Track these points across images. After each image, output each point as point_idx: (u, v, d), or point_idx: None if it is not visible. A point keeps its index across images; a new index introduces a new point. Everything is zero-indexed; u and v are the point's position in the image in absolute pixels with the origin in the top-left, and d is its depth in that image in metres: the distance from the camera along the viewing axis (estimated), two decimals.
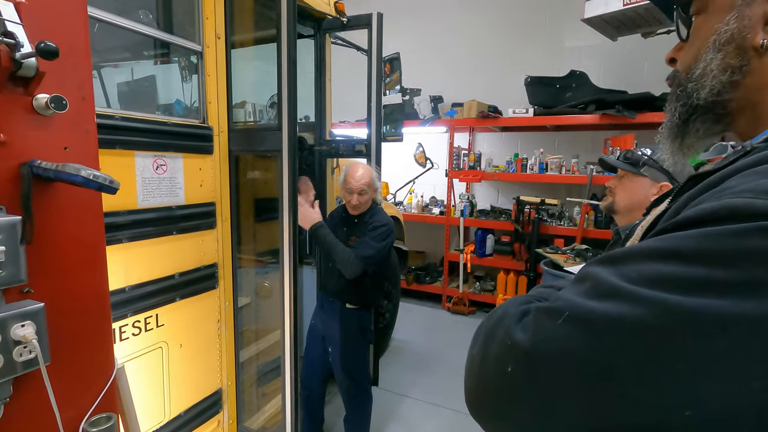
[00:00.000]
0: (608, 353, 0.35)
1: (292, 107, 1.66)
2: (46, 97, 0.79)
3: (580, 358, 0.36)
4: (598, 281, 0.38)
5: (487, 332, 0.47)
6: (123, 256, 1.40)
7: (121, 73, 2.70)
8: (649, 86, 3.90)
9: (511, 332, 0.41)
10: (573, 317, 0.37)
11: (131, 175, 1.43)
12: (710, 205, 0.37)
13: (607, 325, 0.35)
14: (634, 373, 0.34)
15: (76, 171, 0.73)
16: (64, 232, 0.87)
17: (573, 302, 0.38)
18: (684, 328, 0.32)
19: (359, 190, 2.10)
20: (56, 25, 0.84)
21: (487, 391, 0.43)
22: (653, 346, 0.33)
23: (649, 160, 1.38)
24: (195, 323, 1.71)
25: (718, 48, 0.49)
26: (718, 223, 0.35)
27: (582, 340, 0.36)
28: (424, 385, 3.18)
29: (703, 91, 0.51)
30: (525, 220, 4.29)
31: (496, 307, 0.51)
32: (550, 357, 0.37)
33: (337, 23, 2.52)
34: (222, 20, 1.73)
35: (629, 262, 0.38)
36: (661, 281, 0.35)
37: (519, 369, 0.39)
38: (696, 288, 0.33)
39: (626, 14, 3.15)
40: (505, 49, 4.90)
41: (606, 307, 0.36)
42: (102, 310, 0.96)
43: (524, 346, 0.39)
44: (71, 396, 0.88)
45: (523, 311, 0.43)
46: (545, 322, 0.39)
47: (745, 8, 0.47)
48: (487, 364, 0.43)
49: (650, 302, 0.34)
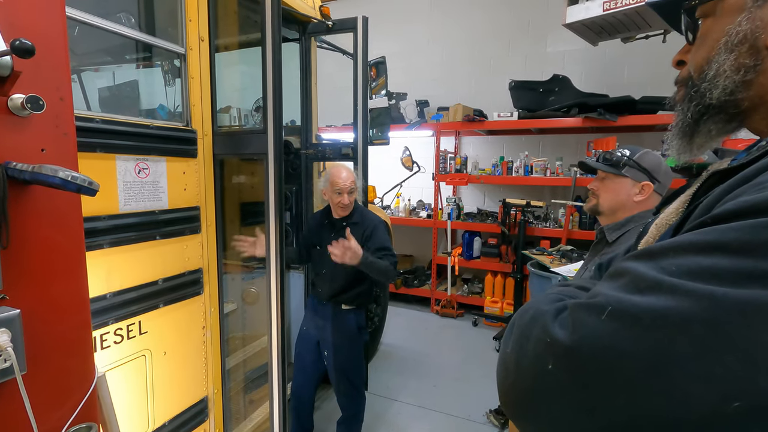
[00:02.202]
0: (657, 347, 0.34)
1: (278, 110, 1.65)
2: (22, 98, 0.77)
3: (627, 353, 0.35)
4: (637, 276, 0.38)
5: (521, 331, 0.46)
6: (104, 261, 1.37)
7: (102, 77, 2.65)
8: (629, 90, 4.00)
9: (549, 329, 0.41)
10: (617, 312, 0.37)
11: (112, 179, 1.40)
12: (752, 197, 0.37)
13: (654, 318, 0.35)
14: (684, 366, 0.33)
15: (54, 172, 0.71)
16: (42, 236, 0.84)
17: (615, 297, 0.38)
18: (733, 320, 0.33)
19: (349, 189, 2.11)
20: (33, 24, 0.82)
21: (526, 390, 0.43)
22: (702, 339, 0.33)
23: (630, 160, 1.41)
24: (179, 330, 1.68)
25: (730, 49, 0.50)
26: (763, 215, 0.35)
27: (628, 334, 0.36)
28: (413, 388, 3.16)
29: (716, 91, 0.52)
30: (511, 222, 4.33)
31: (525, 305, 0.50)
32: (594, 353, 0.37)
33: (323, 27, 2.52)
34: (206, 22, 1.71)
35: (668, 256, 0.38)
36: (706, 273, 0.35)
37: (561, 366, 0.39)
38: (743, 279, 0.33)
39: (606, 20, 3.22)
40: (489, 54, 4.97)
41: (650, 300, 0.36)
42: (81, 318, 0.94)
43: (565, 342, 0.39)
44: (49, 406, 0.85)
45: (558, 308, 0.43)
46: (586, 318, 0.38)
47: (756, 10, 0.48)
48: (525, 364, 0.43)
49: (697, 294, 0.34)
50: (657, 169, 1.40)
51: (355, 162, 2.54)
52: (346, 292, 2.18)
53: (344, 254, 1.92)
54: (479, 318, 4.45)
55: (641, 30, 3.39)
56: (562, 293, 0.51)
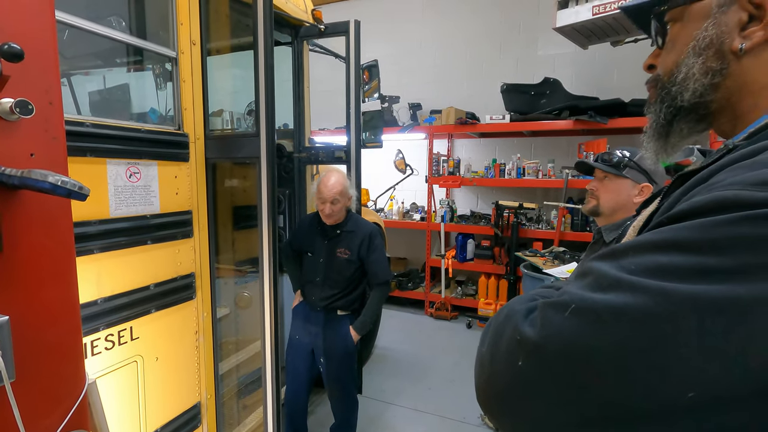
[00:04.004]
0: (616, 341, 0.36)
1: (270, 113, 1.65)
2: (11, 102, 0.76)
3: (589, 347, 0.37)
4: (599, 274, 0.40)
5: (495, 330, 0.47)
6: (95, 267, 1.35)
7: (92, 81, 2.63)
8: (619, 92, 4.05)
9: (520, 328, 0.42)
10: (579, 309, 0.38)
11: (103, 183, 1.39)
12: (702, 198, 0.39)
13: (612, 314, 0.36)
14: (642, 359, 0.35)
15: (43, 177, 0.70)
16: (31, 241, 0.83)
17: (578, 295, 0.40)
18: (684, 314, 0.34)
19: (332, 198, 2.07)
20: (21, 27, 0.81)
21: (499, 387, 0.44)
22: (657, 332, 0.34)
23: (630, 161, 1.41)
24: (172, 335, 1.66)
25: (698, 53, 0.52)
26: (710, 214, 0.37)
27: (590, 330, 0.37)
28: (407, 391, 3.16)
29: (687, 93, 0.54)
30: (504, 224, 4.35)
31: (503, 306, 0.52)
32: (559, 349, 0.38)
33: (315, 31, 2.52)
34: (197, 26, 1.71)
35: (629, 255, 0.40)
36: (660, 271, 0.36)
37: (530, 363, 0.40)
38: (693, 275, 0.35)
39: (596, 24, 3.26)
40: (481, 57, 5.00)
41: (610, 297, 0.37)
42: (71, 323, 0.92)
43: (533, 340, 0.40)
44: (39, 413, 0.84)
45: (530, 308, 0.44)
46: (552, 316, 0.40)
47: (721, 15, 0.51)
48: (498, 361, 0.44)
49: (651, 290, 0.36)
50: (656, 171, 1.41)
51: (348, 165, 2.54)
52: (341, 299, 2.17)
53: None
54: (473, 320, 4.46)
55: (630, 34, 3.44)
56: (539, 293, 0.53)
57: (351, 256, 2.15)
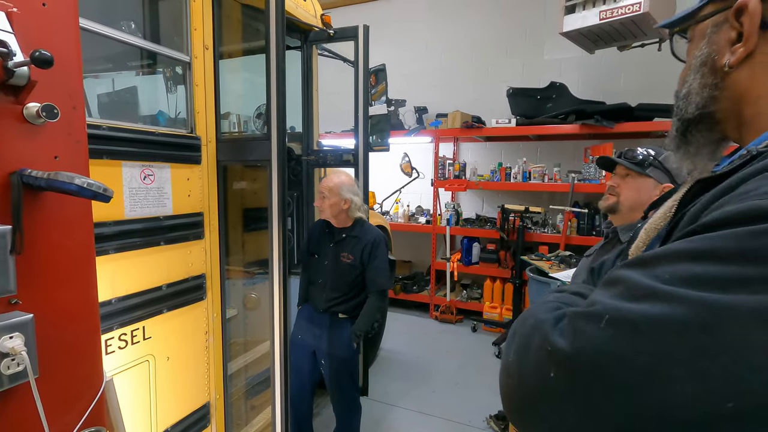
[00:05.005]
0: (655, 352, 0.36)
1: (281, 117, 1.68)
2: (38, 106, 0.79)
3: (626, 358, 0.37)
4: (631, 284, 0.40)
5: (521, 339, 0.47)
6: (110, 267, 1.38)
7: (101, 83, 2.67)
8: (625, 97, 4.05)
9: (550, 338, 0.42)
10: (614, 320, 0.38)
11: (118, 185, 1.41)
12: (736, 207, 0.39)
13: (650, 325, 0.36)
14: (682, 369, 0.35)
15: (70, 179, 0.72)
16: (54, 242, 0.86)
17: (611, 305, 0.40)
18: (724, 324, 0.34)
19: (321, 191, 2.15)
20: (48, 34, 0.84)
21: (530, 397, 0.44)
22: (697, 343, 0.35)
23: (655, 161, 1.39)
24: (183, 335, 1.68)
25: (696, 70, 0.58)
26: (747, 223, 0.37)
27: (627, 341, 0.37)
28: (412, 394, 3.17)
29: (690, 107, 0.58)
30: (510, 228, 4.35)
31: (524, 313, 0.52)
32: (595, 360, 0.38)
33: (324, 35, 2.55)
34: (210, 31, 1.74)
35: (660, 264, 0.40)
36: (697, 280, 0.37)
37: (563, 373, 0.40)
38: (732, 285, 0.35)
39: (602, 28, 3.27)
40: (487, 61, 5.02)
41: (645, 308, 0.37)
42: (91, 322, 0.95)
43: (566, 351, 0.40)
44: (60, 409, 0.86)
45: (557, 317, 0.44)
46: (585, 326, 0.40)
47: (713, 35, 0.56)
48: (527, 372, 0.44)
49: (690, 301, 0.36)
50: (679, 173, 1.38)
51: (356, 168, 2.56)
52: (342, 303, 2.19)
53: None
54: (478, 323, 4.46)
55: (637, 38, 3.44)
56: (560, 300, 0.53)
57: (354, 261, 2.17)
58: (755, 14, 0.50)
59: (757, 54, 0.51)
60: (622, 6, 3.02)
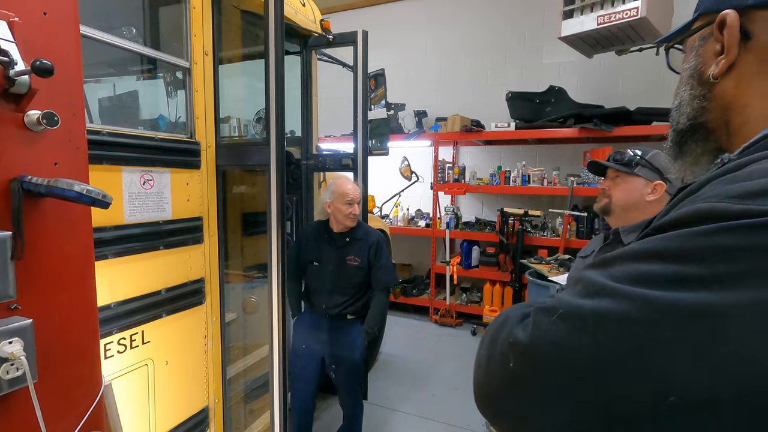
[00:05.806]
0: (599, 345, 0.38)
1: (280, 122, 1.69)
2: (38, 114, 0.80)
3: (573, 350, 0.39)
4: (588, 282, 0.42)
5: (491, 334, 0.50)
6: (109, 271, 1.39)
7: (102, 88, 2.68)
8: (624, 101, 4.06)
9: (513, 331, 0.45)
10: (566, 314, 0.41)
11: (118, 190, 1.42)
12: (684, 209, 0.41)
13: (596, 319, 0.38)
14: (622, 363, 0.36)
15: (69, 186, 0.73)
16: (54, 247, 0.87)
17: (566, 301, 0.42)
18: (663, 320, 0.36)
19: (359, 200, 2.19)
20: (49, 43, 0.85)
21: (493, 388, 0.47)
22: (637, 338, 0.36)
23: (642, 160, 1.41)
24: (181, 339, 1.69)
25: (686, 82, 0.60)
26: (690, 225, 0.39)
27: (574, 334, 0.39)
28: (412, 398, 3.16)
29: (682, 118, 0.60)
30: (509, 231, 4.35)
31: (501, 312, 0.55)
32: (546, 351, 0.41)
33: (323, 40, 2.57)
34: (210, 37, 1.75)
35: (616, 264, 0.42)
36: (643, 279, 0.38)
37: (519, 364, 0.43)
38: (672, 283, 0.37)
39: (601, 33, 3.28)
40: (486, 65, 5.04)
41: (594, 303, 0.40)
42: (90, 327, 0.95)
43: (524, 342, 0.43)
44: (58, 414, 0.87)
45: (525, 313, 0.47)
46: (541, 319, 0.43)
47: (700, 48, 0.58)
48: (493, 363, 0.47)
49: (633, 297, 0.37)
50: (668, 169, 1.40)
51: (355, 172, 2.57)
52: (351, 306, 2.22)
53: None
54: (478, 327, 4.46)
55: (635, 43, 3.46)
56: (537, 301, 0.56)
57: (361, 263, 2.19)
58: (733, 27, 0.52)
59: (740, 64, 0.53)
60: (620, 11, 3.04)
